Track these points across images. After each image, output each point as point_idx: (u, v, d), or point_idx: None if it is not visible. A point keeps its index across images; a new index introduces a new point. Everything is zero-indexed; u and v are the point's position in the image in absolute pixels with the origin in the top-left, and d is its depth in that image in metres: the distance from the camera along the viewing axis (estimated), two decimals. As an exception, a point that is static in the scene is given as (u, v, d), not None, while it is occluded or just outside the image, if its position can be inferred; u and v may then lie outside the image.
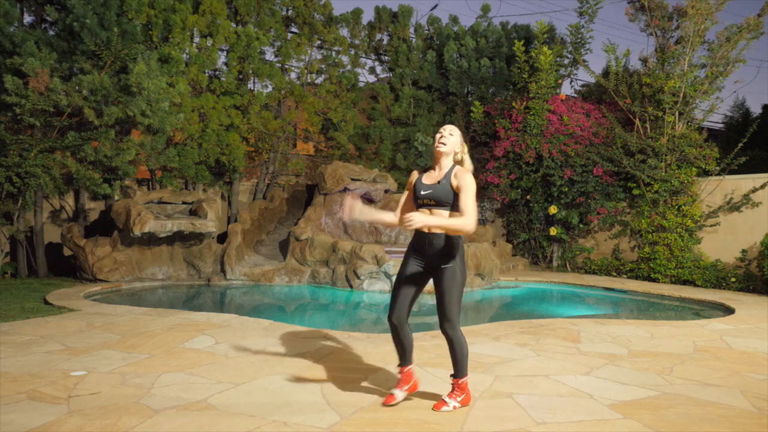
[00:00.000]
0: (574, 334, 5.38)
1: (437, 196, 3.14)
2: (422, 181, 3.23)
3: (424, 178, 3.26)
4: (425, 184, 3.21)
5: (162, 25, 10.20)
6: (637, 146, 10.63)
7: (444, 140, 3.20)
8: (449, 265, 3.13)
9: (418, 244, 3.23)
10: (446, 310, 3.14)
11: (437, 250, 3.14)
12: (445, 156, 3.22)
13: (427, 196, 3.16)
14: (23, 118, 8.34)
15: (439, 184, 3.15)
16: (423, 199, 3.18)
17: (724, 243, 9.94)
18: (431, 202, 3.16)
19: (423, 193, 3.18)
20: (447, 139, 3.21)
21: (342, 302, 8.12)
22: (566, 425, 3.07)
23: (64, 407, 3.20)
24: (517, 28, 14.15)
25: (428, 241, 3.17)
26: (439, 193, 3.13)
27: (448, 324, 3.16)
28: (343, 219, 3.38)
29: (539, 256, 12.21)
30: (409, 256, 3.28)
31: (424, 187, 3.19)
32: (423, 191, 3.19)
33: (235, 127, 11.17)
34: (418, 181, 3.26)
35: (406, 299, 3.24)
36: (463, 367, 3.23)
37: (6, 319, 5.66)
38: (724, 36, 10.04)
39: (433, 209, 3.16)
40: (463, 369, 3.24)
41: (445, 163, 3.23)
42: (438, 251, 3.14)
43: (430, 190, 3.16)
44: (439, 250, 3.14)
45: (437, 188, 3.15)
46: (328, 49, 13.10)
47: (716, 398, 3.57)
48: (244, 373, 3.90)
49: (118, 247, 8.94)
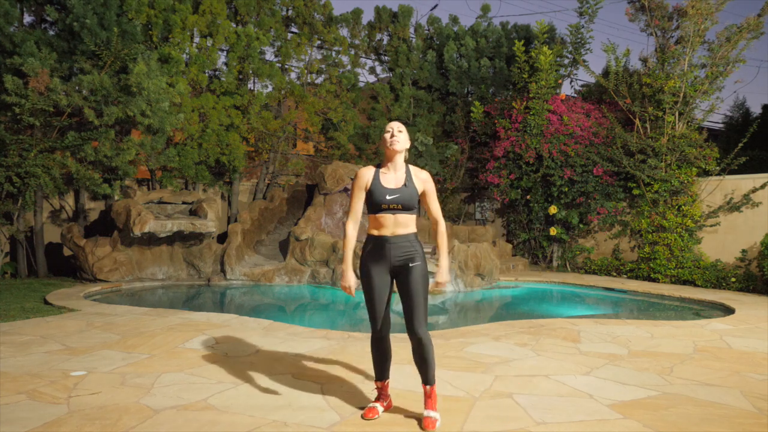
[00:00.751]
0: (574, 334, 5.38)
1: (405, 200, 2.99)
2: (383, 185, 3.02)
3: (383, 180, 3.04)
4: (388, 188, 3.01)
5: (162, 25, 10.20)
6: (637, 146, 10.63)
7: (397, 138, 3.03)
8: (418, 263, 3.02)
9: (380, 249, 3.03)
10: (418, 311, 2.98)
11: (403, 251, 3.01)
12: (399, 154, 3.06)
13: (393, 201, 2.98)
14: (23, 118, 8.35)
15: (405, 187, 3.01)
16: (388, 204, 2.99)
17: (724, 243, 9.93)
18: (398, 207, 2.99)
19: (389, 198, 2.98)
20: (399, 136, 3.04)
21: (342, 302, 8.12)
22: (566, 425, 3.07)
23: (64, 407, 3.20)
24: (517, 28, 14.15)
25: (393, 245, 3.01)
26: (406, 198, 2.99)
27: (419, 325, 2.97)
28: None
29: (539, 256, 12.21)
30: (370, 264, 3.05)
31: (388, 192, 3.00)
32: (389, 196, 2.99)
33: (235, 127, 11.17)
34: (376, 184, 3.03)
35: (384, 309, 3.08)
36: (434, 371, 3.08)
37: (6, 319, 5.66)
38: (724, 36, 10.04)
39: (398, 213, 3.00)
40: (434, 373, 3.07)
41: (400, 162, 3.08)
42: (404, 251, 3.01)
43: (396, 194, 2.99)
44: (405, 250, 3.01)
45: (404, 192, 3.00)
46: (328, 49, 13.10)
47: (716, 398, 3.57)
48: (244, 373, 3.90)
49: (118, 247, 8.94)
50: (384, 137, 3.06)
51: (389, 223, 3.02)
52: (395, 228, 3.02)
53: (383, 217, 3.02)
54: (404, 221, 3.03)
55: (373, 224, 3.08)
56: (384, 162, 3.12)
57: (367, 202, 3.08)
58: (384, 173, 3.08)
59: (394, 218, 3.01)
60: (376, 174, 3.08)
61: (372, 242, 3.08)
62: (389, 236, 3.02)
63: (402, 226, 3.03)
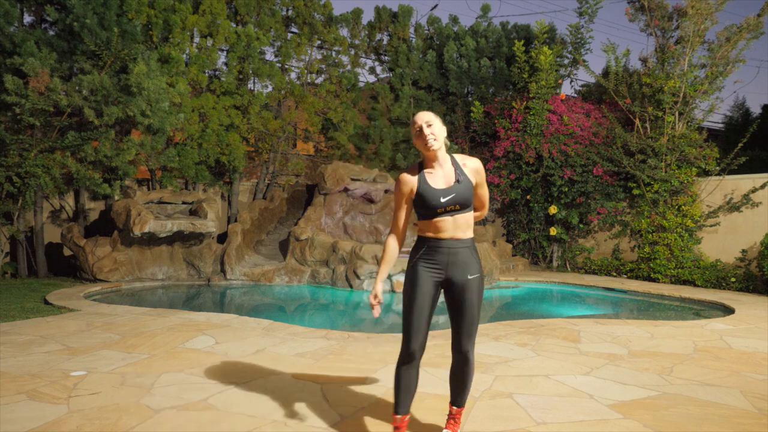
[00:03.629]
0: (574, 334, 5.38)
1: (462, 198, 2.62)
2: (432, 186, 2.63)
3: (431, 181, 2.65)
4: (440, 189, 2.62)
5: (162, 25, 10.20)
6: (637, 146, 10.63)
7: (431, 136, 2.60)
8: (477, 275, 2.67)
9: (436, 254, 2.65)
10: (471, 328, 2.67)
11: (462, 259, 2.65)
12: (440, 150, 2.66)
13: (450, 202, 2.60)
14: (23, 118, 8.35)
15: (459, 183, 2.63)
16: (446, 206, 2.61)
17: (724, 243, 9.94)
18: (456, 208, 2.62)
19: (444, 200, 2.60)
20: (432, 133, 2.61)
21: (342, 302, 8.11)
22: (566, 425, 3.07)
23: (64, 407, 3.19)
24: (517, 28, 14.16)
25: (452, 251, 2.64)
26: (464, 195, 2.62)
27: (470, 344, 2.68)
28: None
29: (539, 256, 12.21)
30: (420, 268, 2.67)
31: (442, 193, 2.61)
32: (443, 198, 2.60)
33: (235, 127, 11.17)
34: (424, 187, 2.64)
35: (425, 322, 2.66)
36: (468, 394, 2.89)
37: (6, 319, 5.66)
38: (724, 36, 10.04)
39: (457, 214, 2.63)
40: (467, 396, 2.85)
41: (443, 157, 2.68)
42: (463, 260, 2.65)
43: (452, 194, 2.61)
44: (464, 259, 2.65)
45: (460, 189, 2.62)
46: (328, 49, 13.10)
47: (716, 398, 3.57)
48: (244, 373, 3.90)
49: (118, 247, 8.94)
50: (415, 137, 2.67)
51: (449, 227, 2.64)
52: (455, 231, 2.65)
53: (441, 221, 2.64)
54: (465, 222, 2.66)
55: (427, 228, 2.69)
56: (425, 161, 2.71)
57: (418, 208, 2.69)
58: (429, 173, 2.68)
59: (454, 220, 2.64)
60: (421, 176, 2.67)
61: (426, 245, 2.69)
62: (448, 240, 2.65)
63: (462, 228, 2.66)
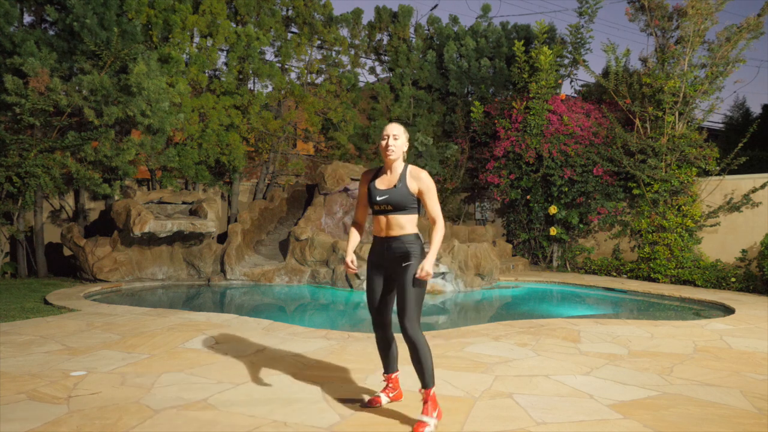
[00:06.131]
0: (574, 334, 5.38)
1: (394, 201, 3.04)
2: (376, 186, 3.11)
3: (378, 182, 3.13)
4: (380, 189, 3.09)
5: (162, 25, 10.20)
6: (637, 146, 10.63)
7: (391, 148, 3.04)
8: (410, 262, 3.02)
9: (377, 247, 3.16)
10: (407, 309, 2.98)
11: (397, 252, 3.06)
12: (396, 161, 3.11)
13: (383, 202, 3.05)
14: (23, 117, 8.34)
15: (395, 188, 3.05)
16: (379, 204, 3.06)
17: (724, 243, 9.93)
18: (388, 207, 3.05)
19: (379, 198, 3.06)
20: (394, 145, 3.05)
21: (342, 302, 8.12)
22: (566, 425, 3.07)
23: (64, 407, 3.19)
24: (517, 28, 14.16)
25: (386, 245, 3.09)
26: (396, 198, 3.03)
27: (408, 322, 2.96)
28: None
29: (539, 256, 12.21)
30: (370, 263, 3.21)
31: (379, 193, 3.07)
32: (378, 197, 3.06)
33: (235, 127, 11.17)
34: (371, 185, 3.13)
35: (377, 298, 3.18)
36: (432, 374, 3.01)
37: (6, 319, 5.66)
38: (724, 36, 10.04)
39: (390, 215, 3.06)
40: (432, 376, 3.00)
41: (398, 165, 3.12)
42: (397, 252, 3.06)
43: (386, 195, 3.05)
44: (399, 250, 3.06)
45: (394, 193, 3.04)
46: (328, 49, 13.10)
47: (716, 398, 3.57)
48: (244, 373, 3.90)
49: (118, 247, 8.94)
50: (381, 144, 3.10)
51: (383, 225, 3.10)
52: (388, 229, 3.09)
53: (378, 219, 3.13)
54: (397, 222, 3.06)
55: (374, 225, 3.20)
56: (384, 166, 3.18)
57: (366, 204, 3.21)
58: (381, 176, 3.16)
59: (387, 219, 3.09)
60: (375, 175, 3.18)
61: (373, 242, 3.23)
62: (384, 237, 3.11)
63: (395, 227, 3.07)
